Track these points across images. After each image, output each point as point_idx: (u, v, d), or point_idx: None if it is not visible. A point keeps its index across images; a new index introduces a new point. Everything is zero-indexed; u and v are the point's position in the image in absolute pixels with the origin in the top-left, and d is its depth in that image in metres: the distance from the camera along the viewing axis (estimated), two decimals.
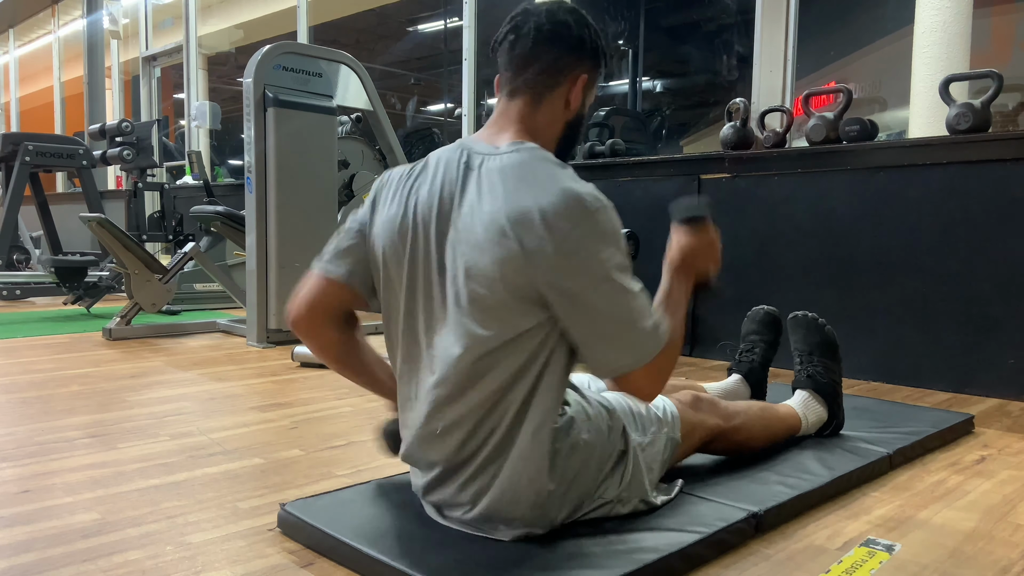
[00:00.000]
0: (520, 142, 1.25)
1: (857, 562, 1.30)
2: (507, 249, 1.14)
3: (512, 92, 1.30)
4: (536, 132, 1.29)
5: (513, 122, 1.28)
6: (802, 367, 1.96)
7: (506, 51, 1.29)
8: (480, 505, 1.27)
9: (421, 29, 10.65)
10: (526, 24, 1.28)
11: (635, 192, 3.62)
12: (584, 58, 1.29)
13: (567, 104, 1.30)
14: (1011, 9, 4.89)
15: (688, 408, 1.56)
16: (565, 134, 1.32)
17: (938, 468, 1.85)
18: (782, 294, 3.12)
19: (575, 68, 1.29)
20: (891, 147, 2.93)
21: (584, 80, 1.30)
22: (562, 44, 1.27)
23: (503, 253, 1.15)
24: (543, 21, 1.27)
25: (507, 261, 1.15)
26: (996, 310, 2.64)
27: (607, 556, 1.22)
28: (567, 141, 1.33)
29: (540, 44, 1.27)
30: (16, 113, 12.31)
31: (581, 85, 1.29)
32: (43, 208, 6.18)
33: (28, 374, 2.88)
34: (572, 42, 1.27)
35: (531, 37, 1.27)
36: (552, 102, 1.29)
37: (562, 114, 1.30)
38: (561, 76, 1.28)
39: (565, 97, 1.29)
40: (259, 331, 3.58)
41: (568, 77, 1.29)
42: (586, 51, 1.29)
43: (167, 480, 1.69)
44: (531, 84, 1.28)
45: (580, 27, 1.29)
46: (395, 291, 1.31)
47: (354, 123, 4.32)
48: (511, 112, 1.29)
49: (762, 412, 1.78)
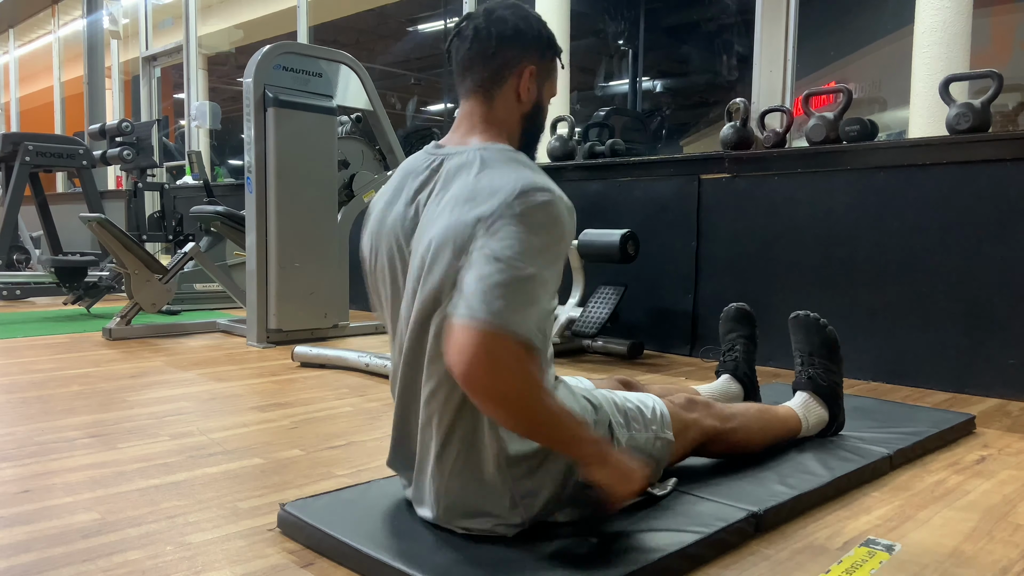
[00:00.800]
0: (489, 143, 1.27)
1: (857, 562, 1.30)
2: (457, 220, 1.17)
3: (466, 95, 1.33)
4: (499, 129, 1.31)
5: (476, 124, 1.31)
6: (803, 368, 1.95)
7: (454, 56, 1.33)
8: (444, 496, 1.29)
9: (421, 29, 10.65)
10: (467, 28, 1.31)
11: (635, 192, 3.62)
12: (528, 49, 1.31)
13: (519, 97, 1.32)
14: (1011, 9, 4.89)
15: (680, 408, 1.55)
16: (524, 127, 1.34)
17: (938, 468, 1.85)
18: (782, 294, 3.12)
19: (519, 61, 1.30)
20: (891, 147, 2.93)
21: (532, 71, 1.31)
22: (500, 40, 1.29)
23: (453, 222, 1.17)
24: (480, 22, 1.30)
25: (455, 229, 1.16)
26: (996, 310, 2.64)
27: (607, 556, 1.22)
28: (528, 134, 1.35)
29: (479, 44, 1.29)
30: (16, 113, 12.32)
31: (529, 76, 1.31)
32: (43, 208, 6.18)
33: (28, 374, 2.88)
34: (509, 36, 1.29)
35: (470, 39, 1.30)
36: (504, 98, 1.31)
37: (516, 108, 1.32)
38: (506, 71, 1.30)
39: (515, 91, 1.31)
40: (259, 331, 3.58)
41: (514, 71, 1.30)
42: (528, 42, 1.31)
43: (167, 480, 1.69)
44: (478, 84, 1.31)
45: (517, 19, 1.30)
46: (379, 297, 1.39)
47: (354, 123, 4.31)
48: (470, 115, 1.32)
49: (760, 414, 1.77)
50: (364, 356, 2.95)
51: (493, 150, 1.25)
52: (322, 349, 3.10)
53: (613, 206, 3.68)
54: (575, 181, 3.82)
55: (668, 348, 3.49)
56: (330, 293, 3.78)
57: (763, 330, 2.26)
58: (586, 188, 3.78)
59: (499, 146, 1.27)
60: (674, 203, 3.47)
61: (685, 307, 3.43)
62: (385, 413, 2.34)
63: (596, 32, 7.93)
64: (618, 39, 7.91)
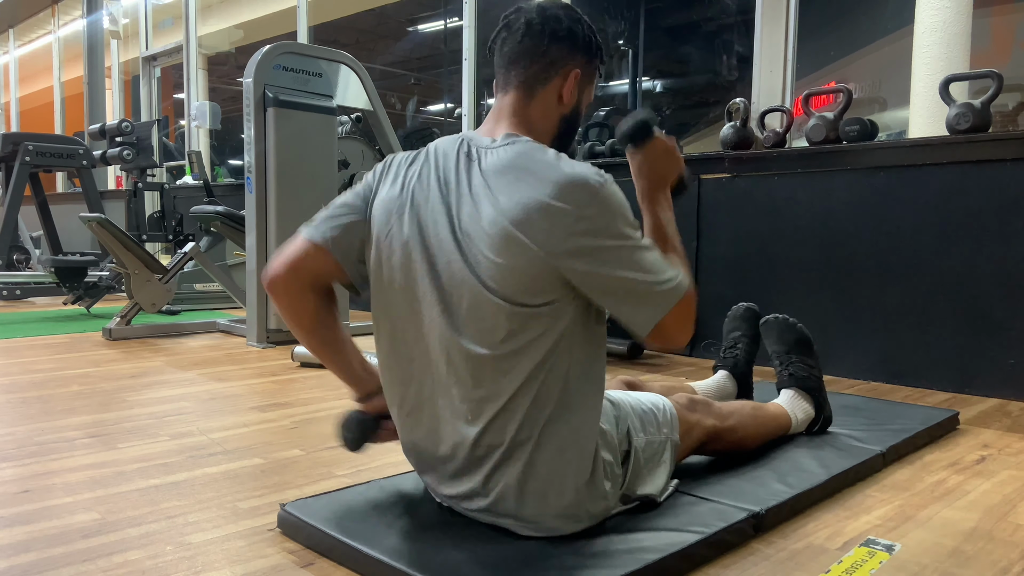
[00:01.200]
0: (515, 134, 1.25)
1: (857, 562, 1.30)
2: (517, 247, 1.14)
3: (506, 88, 1.30)
4: (531, 126, 1.29)
5: (508, 116, 1.29)
6: (783, 367, 1.98)
7: (499, 49, 1.30)
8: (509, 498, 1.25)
9: (421, 29, 10.65)
10: (517, 21, 1.28)
11: (635, 192, 3.61)
12: (576, 52, 1.29)
13: (560, 98, 1.30)
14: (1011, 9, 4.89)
15: (684, 409, 1.56)
16: (561, 128, 1.32)
17: (938, 468, 1.85)
18: (782, 294, 3.12)
19: (567, 62, 1.29)
20: (891, 147, 2.93)
21: (577, 74, 1.30)
22: (552, 38, 1.27)
23: (512, 252, 1.14)
24: (533, 17, 1.27)
25: (517, 258, 1.14)
26: (996, 310, 2.64)
27: (607, 556, 1.22)
28: (563, 136, 1.33)
29: (530, 39, 1.27)
30: (16, 113, 12.31)
31: (574, 79, 1.29)
32: (43, 208, 6.18)
33: (28, 374, 2.88)
34: (562, 36, 1.27)
35: (521, 32, 1.27)
36: (545, 96, 1.29)
37: (556, 108, 1.30)
38: (552, 70, 1.28)
39: (558, 91, 1.29)
40: (259, 331, 3.58)
41: (560, 71, 1.29)
42: (578, 45, 1.29)
43: (167, 480, 1.69)
44: (523, 79, 1.28)
45: (571, 21, 1.28)
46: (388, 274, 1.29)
47: (354, 123, 4.32)
48: (505, 107, 1.30)
49: (754, 412, 1.79)
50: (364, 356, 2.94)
51: (520, 143, 1.23)
52: None
53: None
54: None
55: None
56: None
57: None
58: None
59: (524, 138, 1.24)
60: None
61: None
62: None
63: None
64: (618, 39, 7.90)
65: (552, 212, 1.14)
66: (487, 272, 1.17)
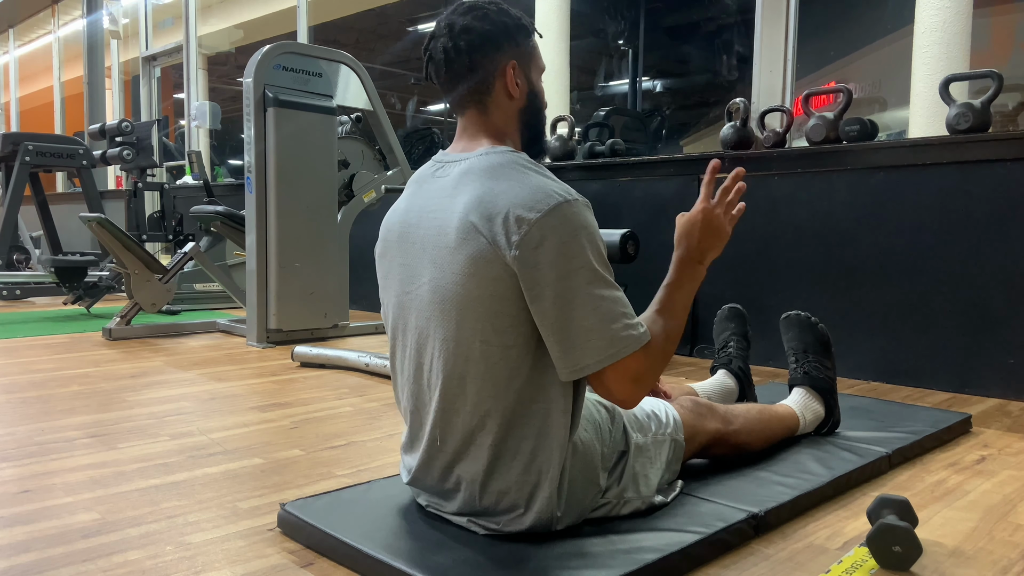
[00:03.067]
0: (492, 147, 1.27)
1: (857, 562, 1.30)
2: (478, 244, 1.16)
3: (460, 109, 1.32)
4: (500, 133, 1.30)
5: (477, 133, 1.30)
6: (798, 365, 1.97)
7: (433, 77, 1.31)
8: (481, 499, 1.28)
9: (421, 29, 10.64)
10: (436, 51, 1.28)
11: (635, 192, 3.62)
12: (501, 48, 1.28)
13: (510, 96, 1.29)
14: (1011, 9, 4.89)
15: (689, 413, 1.57)
16: (524, 122, 1.32)
17: (938, 468, 1.85)
18: (782, 294, 3.13)
19: (498, 62, 1.28)
20: (891, 147, 2.93)
21: (513, 65, 1.29)
22: (472, 51, 1.26)
23: (474, 249, 1.16)
24: (446, 40, 1.26)
25: (478, 256, 1.16)
26: (996, 310, 2.64)
27: (607, 556, 1.22)
28: (529, 128, 1.33)
29: (454, 62, 1.26)
30: (16, 113, 12.31)
31: (512, 72, 1.29)
32: (43, 208, 6.18)
33: (28, 374, 2.88)
34: (480, 44, 1.26)
35: (443, 60, 1.27)
36: (496, 101, 1.29)
37: (511, 106, 1.30)
38: (489, 78, 1.28)
39: (505, 91, 1.29)
40: (259, 331, 3.58)
41: (495, 74, 1.28)
42: (500, 42, 1.27)
43: (167, 480, 1.69)
44: (469, 98, 1.29)
45: (481, 22, 1.26)
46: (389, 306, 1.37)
47: (354, 123, 4.31)
48: (469, 126, 1.31)
49: (760, 415, 1.78)
50: (364, 356, 2.95)
51: (495, 154, 1.24)
52: (322, 349, 3.10)
53: (613, 206, 3.67)
54: (575, 181, 3.81)
55: None
56: (330, 293, 3.78)
57: (763, 330, 2.26)
58: (586, 188, 3.78)
59: (501, 149, 1.26)
60: (674, 203, 3.47)
61: None
62: (385, 413, 2.34)
63: (596, 32, 7.92)
64: (618, 39, 7.90)
65: (516, 215, 1.14)
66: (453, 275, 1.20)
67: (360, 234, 4.23)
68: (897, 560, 1.27)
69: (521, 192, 1.16)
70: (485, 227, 1.16)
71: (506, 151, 1.25)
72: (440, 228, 1.23)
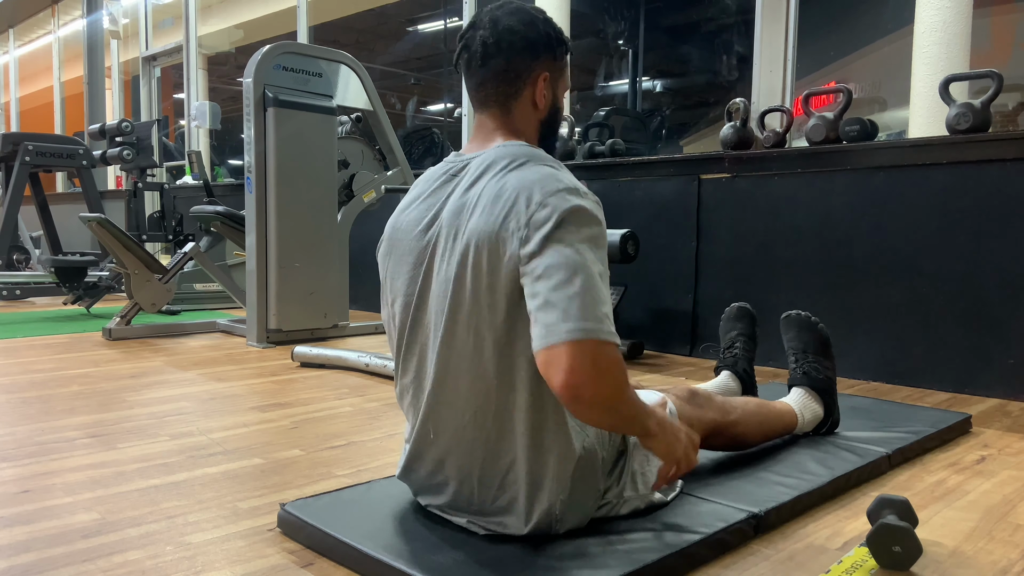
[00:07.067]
0: (508, 140, 1.28)
1: (857, 562, 1.30)
2: (487, 237, 1.17)
3: (482, 107, 1.32)
4: (517, 136, 1.31)
5: (494, 131, 1.31)
6: (797, 365, 1.97)
7: (464, 70, 1.31)
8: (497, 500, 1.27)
9: (421, 29, 10.64)
10: (474, 41, 1.28)
11: (635, 192, 3.62)
12: (539, 57, 1.29)
13: (535, 105, 1.31)
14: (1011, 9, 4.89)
15: (685, 403, 1.56)
16: (542, 133, 1.34)
17: (938, 468, 1.85)
18: (782, 294, 3.12)
19: (533, 70, 1.29)
20: (891, 147, 2.93)
21: (546, 77, 1.31)
22: (511, 52, 1.27)
23: (481, 240, 1.17)
24: (488, 35, 1.27)
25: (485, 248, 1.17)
26: (996, 310, 2.64)
27: (607, 556, 1.22)
28: (545, 139, 1.35)
29: (491, 58, 1.27)
30: (16, 113, 12.31)
31: (543, 83, 1.30)
32: (43, 208, 6.18)
33: (28, 374, 2.88)
34: (521, 47, 1.27)
35: (480, 54, 1.28)
36: (521, 106, 1.31)
37: (533, 115, 1.32)
38: (520, 82, 1.29)
39: (532, 99, 1.31)
40: (259, 331, 3.58)
41: (528, 80, 1.29)
42: (539, 50, 1.29)
43: (167, 480, 1.69)
44: (495, 97, 1.30)
45: (526, 27, 1.28)
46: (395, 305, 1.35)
47: (354, 123, 4.31)
48: (488, 124, 1.32)
49: (758, 408, 1.78)
50: (364, 356, 2.95)
51: (512, 147, 1.26)
52: (322, 349, 3.10)
53: (613, 206, 3.67)
54: None
55: (668, 348, 3.49)
56: (330, 293, 3.78)
57: (763, 330, 2.26)
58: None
59: (518, 143, 1.27)
60: (674, 203, 3.47)
61: (685, 307, 3.43)
62: (385, 413, 2.34)
63: (596, 32, 7.92)
64: (618, 39, 7.90)
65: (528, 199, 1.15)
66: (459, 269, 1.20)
67: (360, 234, 4.23)
68: (897, 560, 1.27)
69: (535, 184, 1.17)
70: (498, 220, 1.16)
71: (522, 144, 1.27)
72: (449, 224, 1.23)
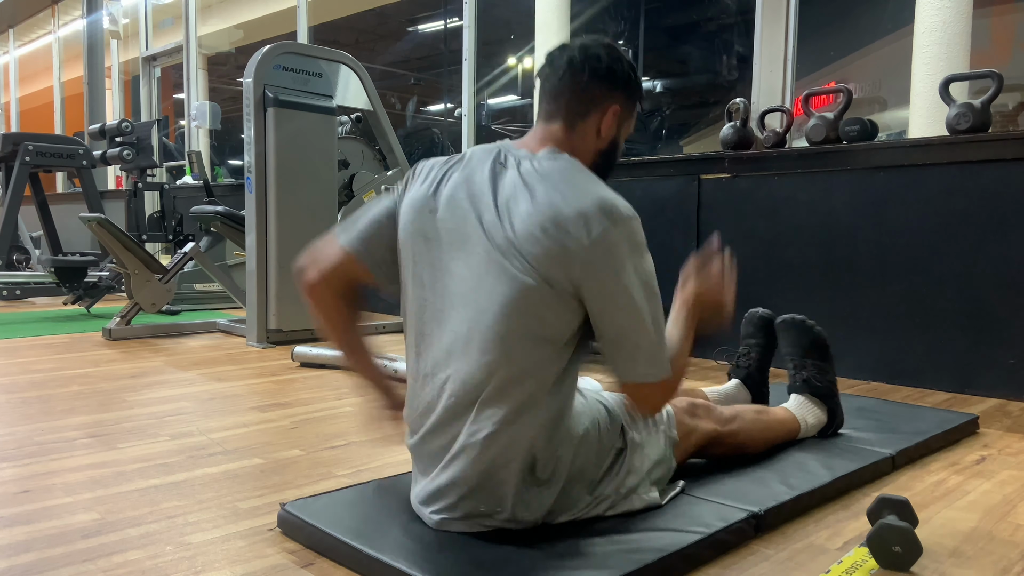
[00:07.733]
0: (557, 151, 1.30)
1: (857, 562, 1.30)
2: (545, 247, 1.19)
3: (549, 118, 1.35)
4: (573, 153, 1.32)
5: (549, 140, 1.33)
6: (796, 372, 1.96)
7: (543, 82, 1.36)
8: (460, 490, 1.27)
9: (421, 29, 10.64)
10: (561, 58, 1.34)
11: (635, 192, 3.62)
12: (615, 90, 1.34)
13: (599, 133, 1.34)
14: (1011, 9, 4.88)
15: (684, 413, 1.57)
16: (597, 162, 1.35)
17: (938, 468, 1.85)
18: (782, 294, 3.12)
19: (607, 99, 1.33)
20: (891, 147, 2.93)
21: (616, 111, 1.34)
22: (592, 75, 1.32)
23: (540, 250, 1.19)
24: (575, 55, 1.32)
25: (544, 257, 1.19)
26: (996, 310, 2.64)
27: (607, 556, 1.22)
28: (599, 169, 1.34)
29: (571, 76, 1.32)
30: (16, 113, 12.31)
31: (612, 115, 1.34)
32: (43, 208, 6.18)
33: (28, 374, 2.88)
34: (602, 74, 1.32)
35: (563, 69, 1.33)
36: (584, 129, 1.33)
37: (594, 142, 1.34)
38: (592, 105, 1.32)
39: (597, 126, 1.33)
40: (259, 331, 3.58)
41: (599, 107, 1.33)
42: (617, 83, 1.33)
43: (167, 480, 1.69)
44: (564, 112, 1.33)
45: (611, 60, 1.33)
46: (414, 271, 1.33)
47: (354, 123, 4.32)
48: (548, 133, 1.34)
49: (758, 416, 1.78)
50: None
51: (562, 159, 1.27)
52: (322, 349, 3.10)
53: None
54: None
55: None
56: None
57: None
58: None
59: (566, 156, 1.29)
60: (674, 203, 3.47)
61: None
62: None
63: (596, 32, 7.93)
64: (618, 39, 7.90)
65: (583, 222, 1.18)
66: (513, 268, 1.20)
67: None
68: (897, 560, 1.27)
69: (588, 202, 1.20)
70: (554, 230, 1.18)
71: (571, 158, 1.29)
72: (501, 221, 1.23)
